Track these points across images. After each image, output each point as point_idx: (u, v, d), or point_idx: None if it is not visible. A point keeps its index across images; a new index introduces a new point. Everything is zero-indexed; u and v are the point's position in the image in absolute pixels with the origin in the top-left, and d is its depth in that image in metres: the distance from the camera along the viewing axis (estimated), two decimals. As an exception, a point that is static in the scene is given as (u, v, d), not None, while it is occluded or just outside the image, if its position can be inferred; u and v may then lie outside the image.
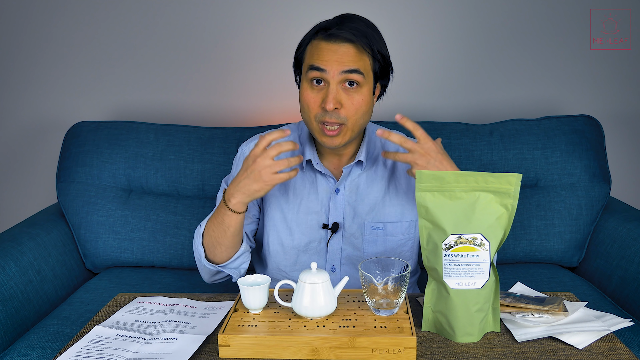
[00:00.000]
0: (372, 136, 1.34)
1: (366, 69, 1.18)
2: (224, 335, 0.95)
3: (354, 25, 1.17)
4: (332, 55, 1.16)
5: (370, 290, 1.01)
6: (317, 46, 1.18)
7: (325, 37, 1.17)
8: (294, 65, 1.28)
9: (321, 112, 1.19)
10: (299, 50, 1.24)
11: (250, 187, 1.13)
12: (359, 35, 1.16)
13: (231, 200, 1.16)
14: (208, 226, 1.23)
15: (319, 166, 1.30)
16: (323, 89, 1.18)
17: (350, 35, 1.15)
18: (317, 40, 1.19)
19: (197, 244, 1.26)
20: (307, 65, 1.20)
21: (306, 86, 1.21)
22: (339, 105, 1.17)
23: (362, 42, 1.16)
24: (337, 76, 1.16)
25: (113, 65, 2.09)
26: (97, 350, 0.97)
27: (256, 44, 2.06)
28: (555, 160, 1.76)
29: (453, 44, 2.05)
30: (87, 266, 1.79)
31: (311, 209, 1.32)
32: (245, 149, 1.37)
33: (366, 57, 1.18)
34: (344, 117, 1.18)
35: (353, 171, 1.31)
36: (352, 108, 1.18)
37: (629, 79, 2.07)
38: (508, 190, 0.99)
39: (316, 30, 1.20)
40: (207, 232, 1.23)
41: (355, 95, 1.18)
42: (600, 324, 1.02)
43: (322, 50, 1.17)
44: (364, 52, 1.17)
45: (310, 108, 1.20)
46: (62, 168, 1.81)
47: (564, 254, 1.74)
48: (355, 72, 1.16)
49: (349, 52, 1.16)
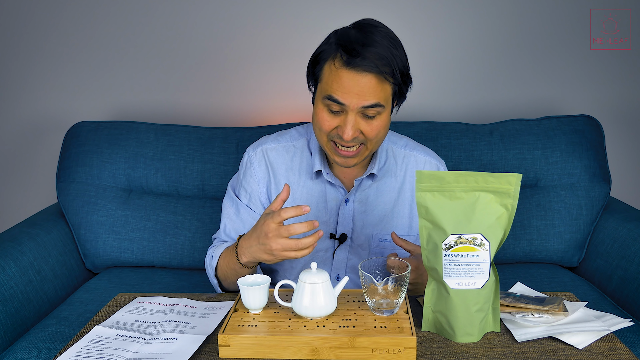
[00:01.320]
0: (384, 145, 1.32)
1: (387, 98, 1.14)
2: (224, 335, 0.95)
3: (377, 51, 1.09)
4: (353, 87, 1.10)
5: (370, 291, 1.01)
6: (338, 75, 1.11)
7: (347, 65, 1.09)
8: (309, 75, 1.21)
9: (336, 134, 1.16)
10: (316, 64, 1.17)
11: (260, 256, 1.11)
12: (383, 64, 1.09)
13: (242, 257, 1.15)
14: (221, 264, 1.22)
15: (329, 177, 1.28)
16: (340, 115, 1.15)
17: (374, 67, 1.09)
18: (338, 65, 1.11)
19: (210, 275, 1.26)
20: (324, 91, 1.14)
21: (322, 108, 1.16)
22: (357, 134, 1.15)
23: (385, 71, 1.10)
24: (356, 109, 1.12)
25: (113, 65, 2.09)
26: (97, 350, 0.96)
27: (256, 44, 2.06)
28: (555, 160, 1.76)
29: (453, 44, 2.05)
30: (87, 266, 1.79)
31: (319, 219, 1.30)
32: (252, 154, 1.33)
33: (387, 85, 1.13)
34: (363, 139, 1.17)
35: (364, 182, 1.30)
36: (372, 133, 1.16)
37: (629, 79, 2.07)
38: (508, 190, 0.99)
39: (337, 48, 1.12)
40: (220, 270, 1.23)
41: (374, 122, 1.15)
42: (600, 324, 1.02)
43: (343, 79, 1.10)
44: (386, 81, 1.12)
45: (323, 129, 1.17)
46: (62, 168, 1.81)
47: (564, 254, 1.74)
48: (375, 107, 1.13)
49: (370, 83, 1.10)
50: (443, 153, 1.76)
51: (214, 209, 1.78)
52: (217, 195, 1.80)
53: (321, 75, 1.16)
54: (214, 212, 1.78)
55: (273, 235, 1.06)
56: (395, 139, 1.35)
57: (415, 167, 1.32)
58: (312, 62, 1.19)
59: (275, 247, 1.06)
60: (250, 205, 1.32)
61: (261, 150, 1.33)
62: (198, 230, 1.76)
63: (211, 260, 1.25)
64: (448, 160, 1.76)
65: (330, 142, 1.19)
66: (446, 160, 1.76)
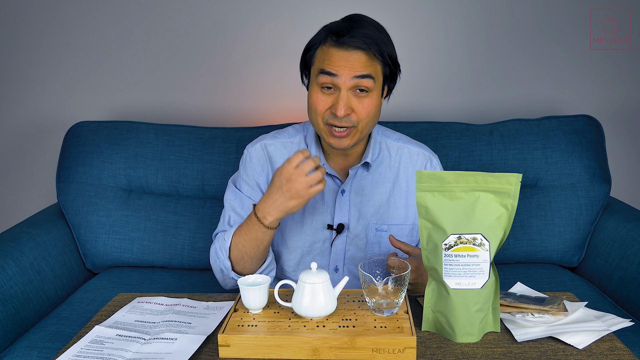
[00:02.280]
0: (378, 137, 1.35)
1: (377, 74, 1.19)
2: (224, 335, 0.95)
3: (364, 32, 1.15)
4: (344, 62, 1.15)
5: (370, 290, 1.01)
6: (328, 52, 1.17)
7: (337, 43, 1.16)
8: (301, 67, 1.27)
9: (330, 114, 1.19)
10: (307, 52, 1.24)
11: (287, 204, 1.15)
12: (371, 42, 1.15)
13: (267, 217, 1.17)
14: (237, 241, 1.23)
15: (325, 167, 1.30)
16: (333, 94, 1.19)
17: (362, 44, 1.15)
18: (328, 46, 1.18)
19: (222, 259, 1.26)
20: (317, 69, 1.19)
21: (316, 89, 1.20)
22: (349, 111, 1.18)
23: (373, 49, 1.16)
24: (348, 81, 1.16)
25: (113, 65, 2.09)
26: (97, 350, 0.97)
27: (256, 44, 2.06)
28: (555, 160, 1.76)
29: (453, 44, 2.05)
30: (87, 266, 1.79)
31: (316, 210, 1.32)
32: (251, 150, 1.36)
33: (377, 63, 1.18)
34: (355, 121, 1.19)
35: (359, 172, 1.32)
36: (363, 112, 1.19)
37: (629, 79, 2.07)
38: (508, 190, 0.99)
39: (326, 34, 1.19)
40: (235, 247, 1.24)
41: (365, 99, 1.19)
42: (600, 324, 1.02)
43: (334, 56, 1.16)
44: (375, 58, 1.17)
45: (318, 110, 1.20)
46: (62, 168, 1.81)
47: (564, 254, 1.74)
48: (366, 78, 1.16)
49: (360, 58, 1.16)
50: (443, 153, 1.76)
51: (214, 209, 1.78)
52: (217, 195, 1.80)
53: (313, 59, 1.22)
54: (214, 212, 1.78)
55: (294, 176, 1.12)
56: (389, 133, 1.39)
57: (409, 159, 1.35)
58: (303, 53, 1.25)
59: (301, 186, 1.12)
60: (252, 196, 1.34)
61: (260, 145, 1.36)
62: (198, 230, 1.76)
63: (223, 244, 1.25)
64: (448, 160, 1.76)
65: (326, 125, 1.21)
66: (446, 160, 1.76)
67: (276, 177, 1.15)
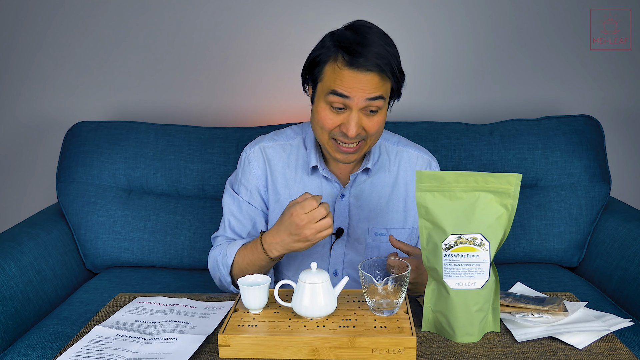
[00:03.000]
0: (378, 141, 1.34)
1: (387, 93, 1.18)
2: (224, 335, 0.95)
3: (376, 51, 1.12)
4: (357, 84, 1.13)
5: (370, 291, 1.01)
6: (341, 73, 1.14)
7: (350, 65, 1.13)
8: (305, 77, 1.24)
9: (339, 132, 1.19)
10: (315, 66, 1.20)
11: (293, 245, 1.17)
12: (384, 63, 1.13)
13: (273, 252, 1.19)
14: (239, 261, 1.25)
15: (325, 172, 1.30)
16: (343, 113, 1.18)
17: (375, 67, 1.12)
18: (340, 65, 1.14)
19: (223, 274, 1.27)
20: (327, 88, 1.16)
21: (324, 107, 1.19)
22: (360, 130, 1.18)
23: (386, 69, 1.14)
24: (360, 103, 1.15)
25: (113, 65, 2.09)
26: (97, 350, 0.97)
27: (256, 44, 2.06)
28: (555, 160, 1.76)
29: (453, 44, 2.05)
30: (87, 266, 1.79)
31: None
32: (249, 152, 1.35)
33: (387, 82, 1.17)
34: (364, 136, 1.20)
35: (359, 177, 1.32)
36: (373, 129, 1.19)
37: (629, 79, 2.07)
38: (508, 190, 0.99)
39: (336, 50, 1.15)
40: (237, 266, 1.26)
41: (375, 117, 1.19)
42: (600, 324, 1.02)
43: (346, 77, 1.13)
44: (387, 78, 1.16)
45: (326, 127, 1.20)
46: (62, 168, 1.81)
47: (564, 254, 1.74)
48: (378, 99, 1.16)
49: (373, 80, 1.14)
50: (443, 153, 1.76)
51: (214, 209, 1.78)
52: (217, 195, 1.80)
53: (322, 75, 1.18)
54: (214, 212, 1.78)
55: (305, 223, 1.12)
56: (388, 136, 1.38)
57: (408, 162, 1.35)
58: (309, 65, 1.22)
59: (310, 232, 1.12)
60: (250, 201, 1.34)
61: (259, 148, 1.35)
62: (198, 230, 1.76)
63: (225, 259, 1.27)
64: (448, 160, 1.76)
65: (332, 140, 1.21)
66: (446, 160, 1.76)
67: (286, 218, 1.14)
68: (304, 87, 1.27)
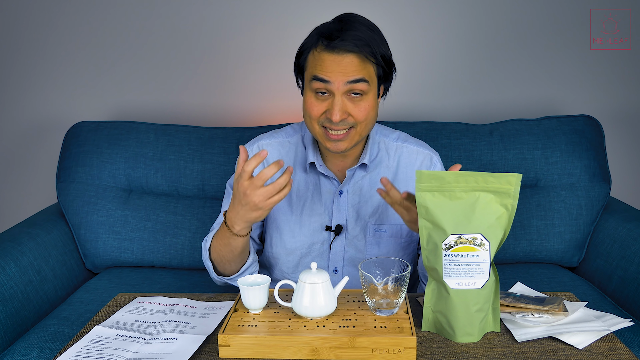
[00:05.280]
0: (377, 138, 1.34)
1: (370, 76, 1.17)
2: (224, 335, 0.95)
3: (355, 34, 1.13)
4: (336, 67, 1.14)
5: (370, 290, 1.01)
6: (320, 57, 1.15)
7: (328, 48, 1.14)
8: (295, 70, 1.26)
9: (325, 118, 1.19)
10: (300, 57, 1.22)
11: (249, 215, 1.12)
12: (362, 44, 1.13)
13: (234, 227, 1.15)
14: (214, 245, 1.23)
15: (322, 168, 1.30)
16: (327, 99, 1.18)
17: (353, 47, 1.13)
18: (319, 50, 1.16)
19: (205, 258, 1.27)
20: (310, 75, 1.18)
21: (310, 95, 1.20)
22: (345, 116, 1.17)
23: (365, 51, 1.14)
24: (342, 87, 1.15)
25: (113, 65, 2.09)
26: (97, 350, 0.97)
27: (256, 43, 2.06)
28: (555, 160, 1.76)
29: (453, 44, 2.05)
30: (87, 266, 1.79)
31: (314, 211, 1.32)
32: (248, 150, 1.35)
33: (370, 65, 1.16)
34: (353, 122, 1.19)
35: (357, 173, 1.32)
36: (361, 115, 1.18)
37: (629, 79, 2.07)
38: (508, 190, 0.99)
39: (317, 38, 1.17)
40: (213, 250, 1.24)
41: (361, 103, 1.18)
42: (600, 324, 1.02)
43: (325, 61, 1.15)
44: (368, 60, 1.15)
45: (313, 116, 1.20)
46: (62, 168, 1.81)
47: (564, 254, 1.74)
48: (360, 82, 1.15)
49: (352, 62, 1.14)
50: (443, 153, 1.76)
51: (214, 209, 1.78)
52: (217, 195, 1.80)
53: (305, 64, 1.21)
54: (214, 212, 1.78)
55: (250, 190, 1.07)
56: (388, 132, 1.38)
57: (407, 158, 1.34)
58: (296, 57, 1.24)
59: (257, 199, 1.07)
60: None
61: (257, 146, 1.36)
62: (198, 230, 1.76)
63: (205, 243, 1.27)
64: (448, 160, 1.76)
65: (322, 128, 1.21)
66: (446, 160, 1.75)
67: (234, 190, 1.12)
68: (297, 82, 1.28)
